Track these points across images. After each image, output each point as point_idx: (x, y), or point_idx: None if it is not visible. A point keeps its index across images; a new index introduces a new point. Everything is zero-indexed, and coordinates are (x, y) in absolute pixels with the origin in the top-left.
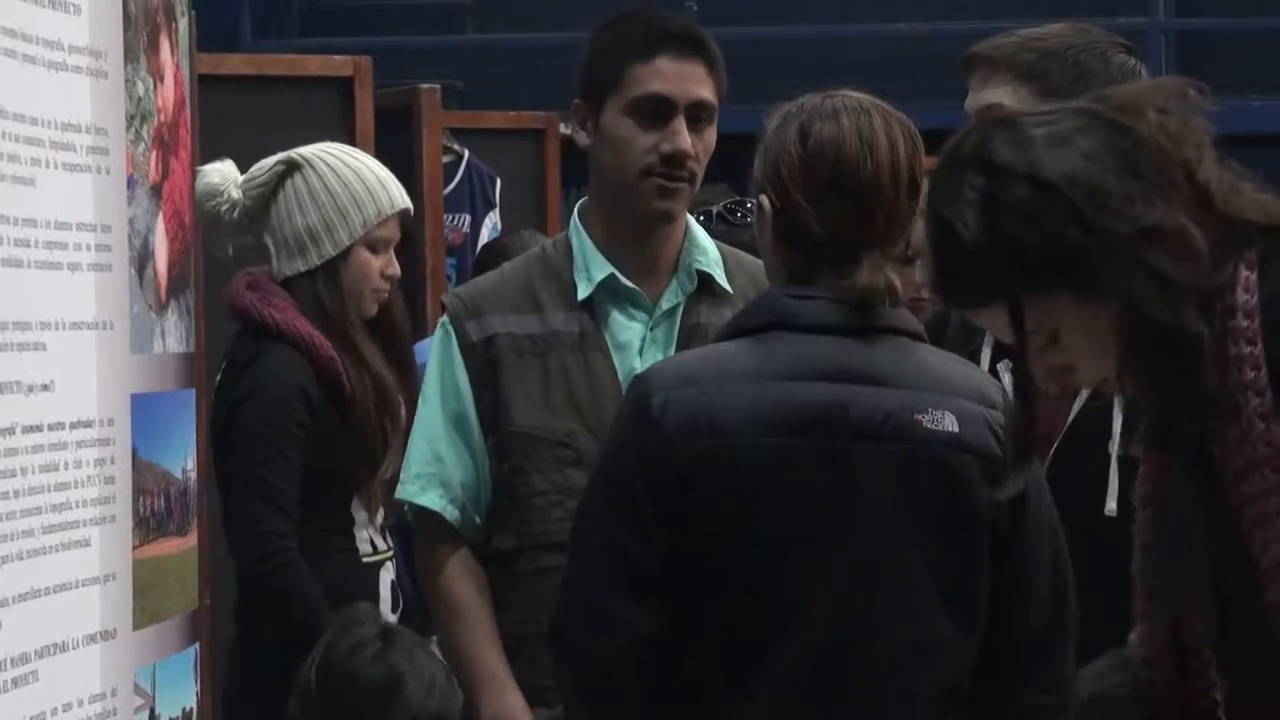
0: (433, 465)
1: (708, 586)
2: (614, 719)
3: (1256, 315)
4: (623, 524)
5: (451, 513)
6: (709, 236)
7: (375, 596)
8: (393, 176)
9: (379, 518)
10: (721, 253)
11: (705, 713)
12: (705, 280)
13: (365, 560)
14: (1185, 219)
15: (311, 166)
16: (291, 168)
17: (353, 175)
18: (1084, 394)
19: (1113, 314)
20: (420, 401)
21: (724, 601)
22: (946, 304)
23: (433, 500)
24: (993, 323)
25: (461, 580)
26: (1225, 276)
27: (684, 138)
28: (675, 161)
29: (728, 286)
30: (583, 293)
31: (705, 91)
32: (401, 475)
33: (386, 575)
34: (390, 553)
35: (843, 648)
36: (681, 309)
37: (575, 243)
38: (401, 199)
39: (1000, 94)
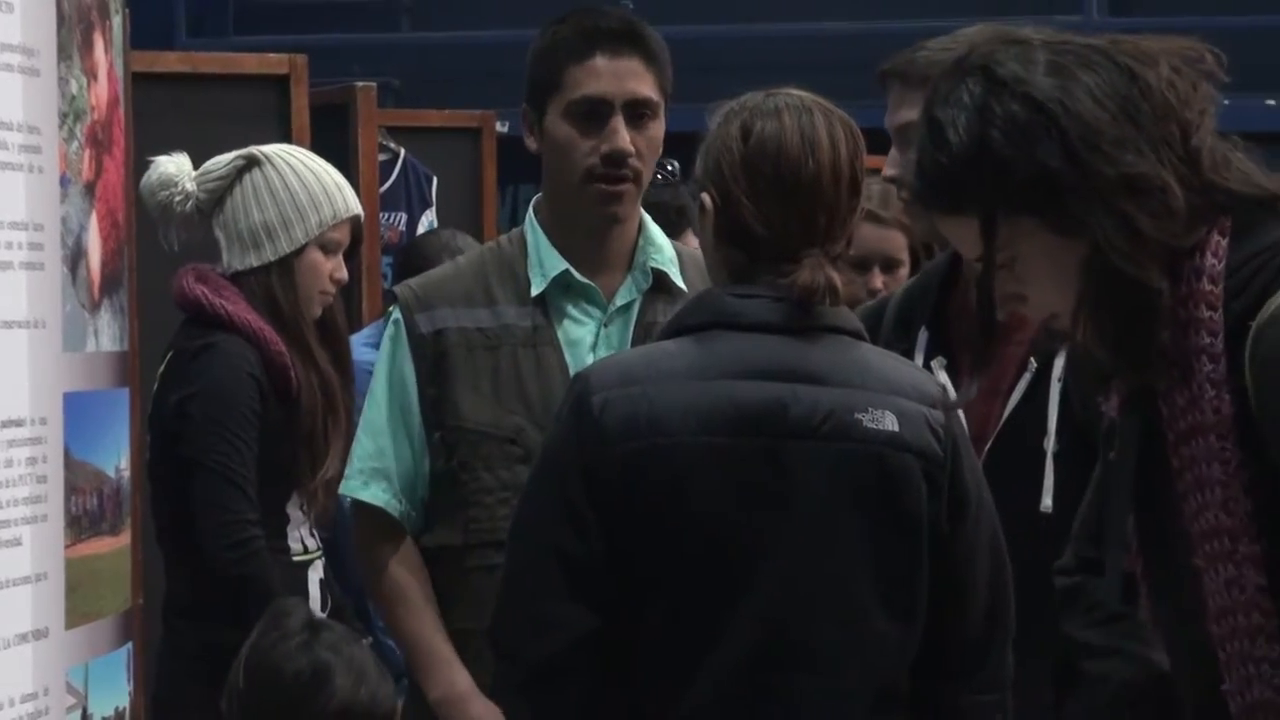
0: (376, 460)
1: (646, 584)
2: (553, 717)
3: (1220, 281)
4: (561, 522)
5: (395, 507)
6: (664, 234)
7: (304, 595)
8: (347, 183)
9: (312, 517)
10: (677, 250)
11: (644, 710)
12: (661, 278)
13: (295, 559)
14: (1171, 177)
15: (271, 163)
16: (251, 163)
17: (312, 176)
18: (1019, 390)
19: (1080, 253)
20: (368, 394)
21: (662, 599)
22: (921, 204)
23: (376, 495)
24: (958, 235)
25: (404, 570)
26: (1197, 239)
27: (621, 136)
28: (615, 161)
29: (682, 284)
30: (536, 288)
31: (643, 88)
32: (346, 470)
33: (315, 574)
34: (319, 552)
35: (780, 646)
36: (637, 306)
37: (530, 237)
38: (356, 205)
39: (916, 111)
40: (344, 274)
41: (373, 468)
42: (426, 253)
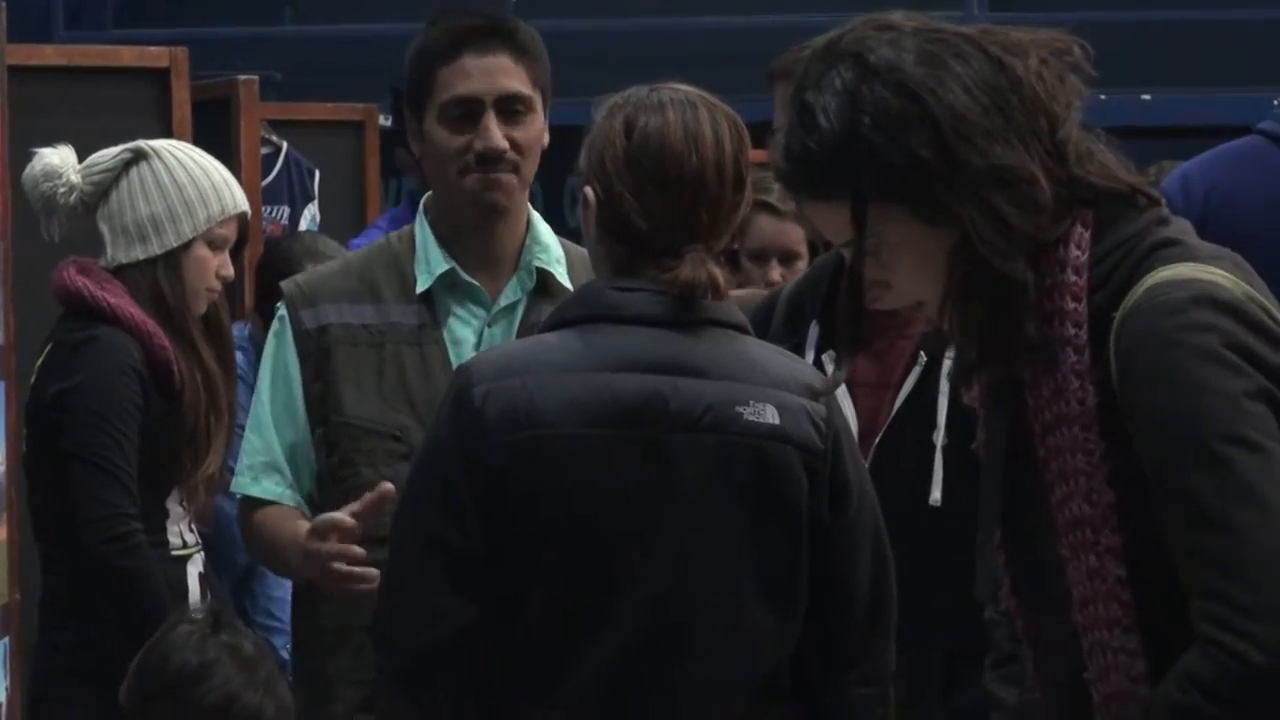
0: (265, 455)
1: (527, 577)
2: (435, 709)
3: (1084, 273)
4: (442, 514)
5: (289, 498)
6: (553, 234)
7: (183, 590)
8: (235, 180)
9: (192, 513)
10: (565, 249)
11: (526, 702)
12: (546, 278)
13: (174, 554)
14: (1039, 169)
15: (159, 157)
16: (138, 156)
17: (200, 171)
18: (909, 384)
19: (947, 242)
20: (255, 391)
21: (543, 591)
22: (789, 188)
23: (269, 490)
24: (825, 220)
25: (281, 514)
26: (1061, 231)
27: (493, 134)
28: (489, 159)
29: (568, 284)
30: (421, 285)
31: (513, 83)
32: (236, 468)
33: (194, 569)
34: (198, 547)
35: (660, 637)
36: (523, 307)
37: (419, 235)
38: (245, 202)
39: None
40: (230, 271)
41: (262, 463)
42: (289, 256)
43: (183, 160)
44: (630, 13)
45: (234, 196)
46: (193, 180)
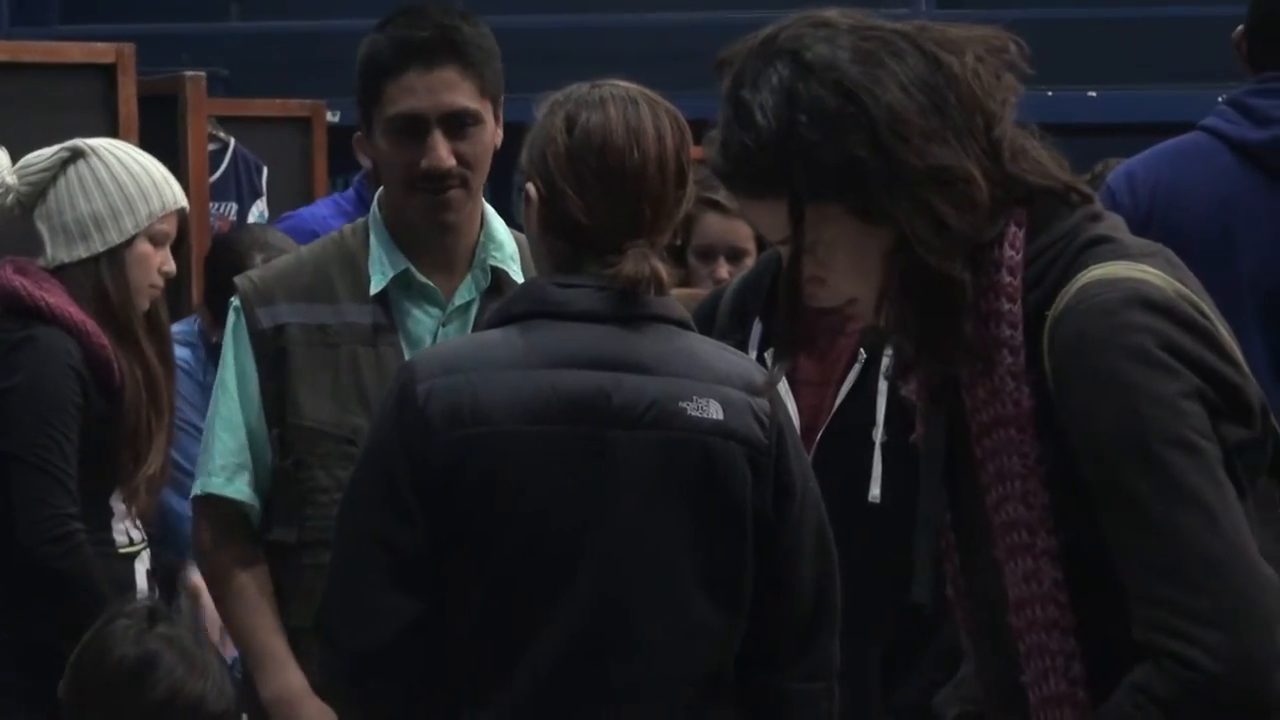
0: (238, 455)
1: (471, 574)
2: (380, 709)
3: (1018, 273)
4: (386, 512)
5: (255, 502)
6: (508, 229)
7: (131, 587)
8: (173, 176)
9: (134, 512)
10: (519, 243)
11: (469, 700)
12: (501, 276)
13: (121, 551)
14: (976, 168)
15: (97, 155)
16: (75, 155)
17: (139, 168)
18: (849, 381)
19: (884, 242)
20: (217, 389)
21: (487, 588)
22: (725, 185)
23: (240, 491)
24: (761, 218)
25: (248, 567)
26: (997, 231)
27: (438, 154)
28: (435, 178)
29: (522, 280)
30: (376, 286)
31: (459, 98)
32: (204, 466)
33: (142, 566)
34: (144, 544)
35: (604, 634)
36: (477, 305)
37: (372, 234)
38: (183, 197)
39: None
40: (172, 266)
41: (236, 463)
42: (237, 248)
43: (121, 158)
44: (571, 9)
45: (173, 192)
46: (132, 177)
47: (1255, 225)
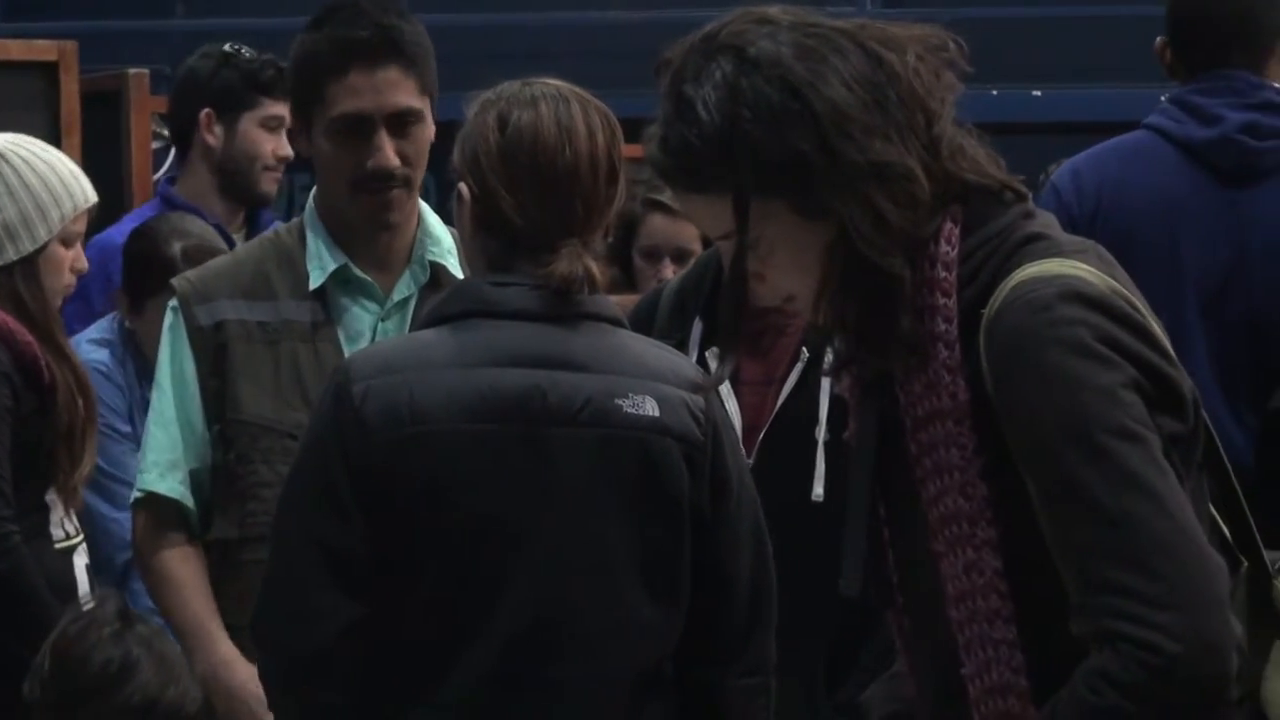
0: (170, 452)
1: (409, 574)
2: (318, 710)
3: (954, 268)
4: (323, 513)
5: (189, 499)
6: (443, 224)
7: (71, 582)
8: (80, 170)
9: (70, 511)
10: (455, 239)
11: (409, 700)
12: (439, 270)
13: (58, 546)
14: (917, 165)
15: (6, 160)
16: None
17: (48, 170)
18: (792, 380)
19: (825, 237)
20: (154, 387)
21: (426, 587)
22: (667, 181)
23: (173, 488)
24: (702, 213)
25: (184, 560)
26: (934, 227)
27: (385, 154)
28: (381, 178)
29: (460, 275)
30: (315, 282)
31: (403, 97)
32: (140, 465)
33: (81, 560)
34: (80, 538)
35: (542, 632)
36: (415, 300)
37: (309, 231)
38: (93, 193)
39: None
40: (84, 264)
41: (168, 460)
42: (155, 237)
43: (29, 160)
44: (503, 7)
45: (84, 190)
46: (43, 181)
47: (1200, 223)
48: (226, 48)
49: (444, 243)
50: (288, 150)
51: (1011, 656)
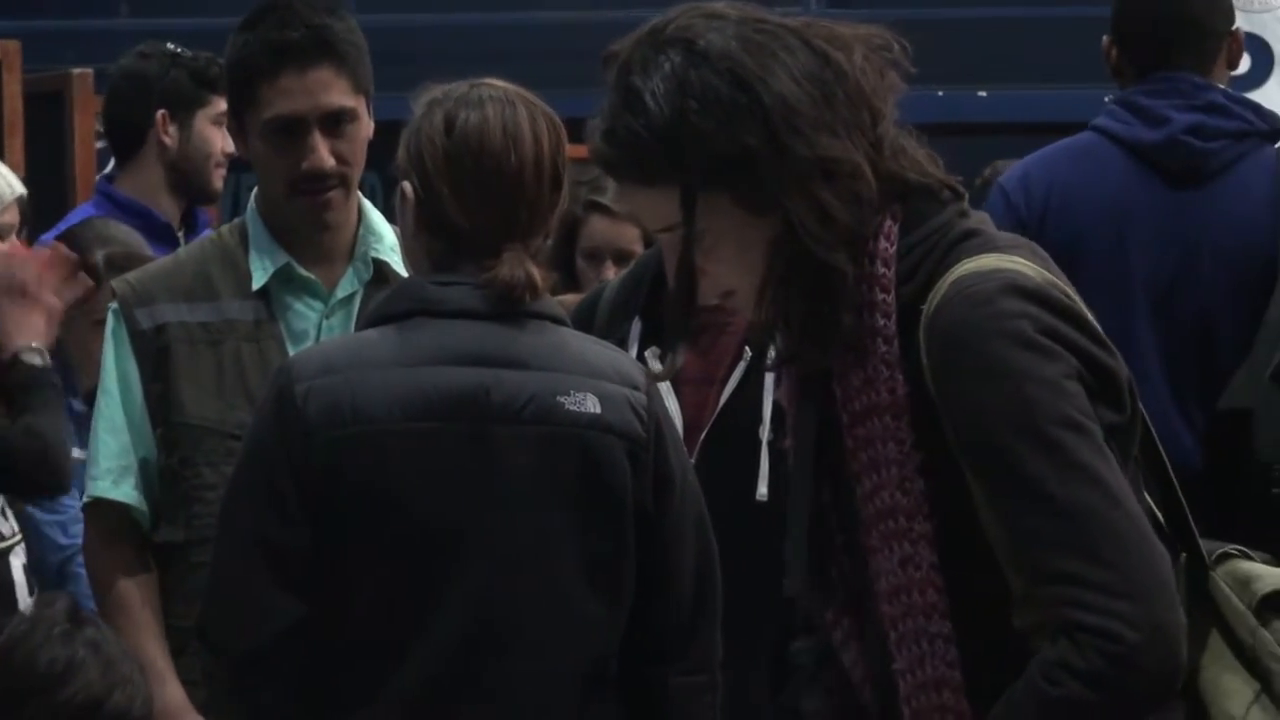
0: (123, 457)
1: (353, 573)
2: (263, 710)
3: (892, 265)
4: (266, 513)
5: (142, 504)
6: (385, 221)
7: (9, 583)
8: (4, 165)
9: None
10: (398, 235)
11: (353, 697)
12: (382, 267)
13: None
14: (863, 161)
15: None
16: None
17: None
18: (734, 379)
19: (769, 233)
20: (100, 393)
21: (371, 586)
22: (612, 173)
23: (128, 494)
24: (646, 206)
25: (134, 575)
26: (875, 224)
27: (319, 155)
28: (316, 178)
29: (403, 272)
30: (258, 281)
31: (336, 98)
32: (90, 471)
33: (18, 560)
34: (17, 539)
35: (488, 630)
36: (360, 298)
37: (251, 230)
38: (20, 185)
39: None
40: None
41: (120, 465)
42: (80, 244)
43: None
44: (448, 8)
45: (10, 184)
46: None
47: (1148, 225)
48: (170, 47)
49: (386, 239)
50: (232, 146)
51: (946, 651)
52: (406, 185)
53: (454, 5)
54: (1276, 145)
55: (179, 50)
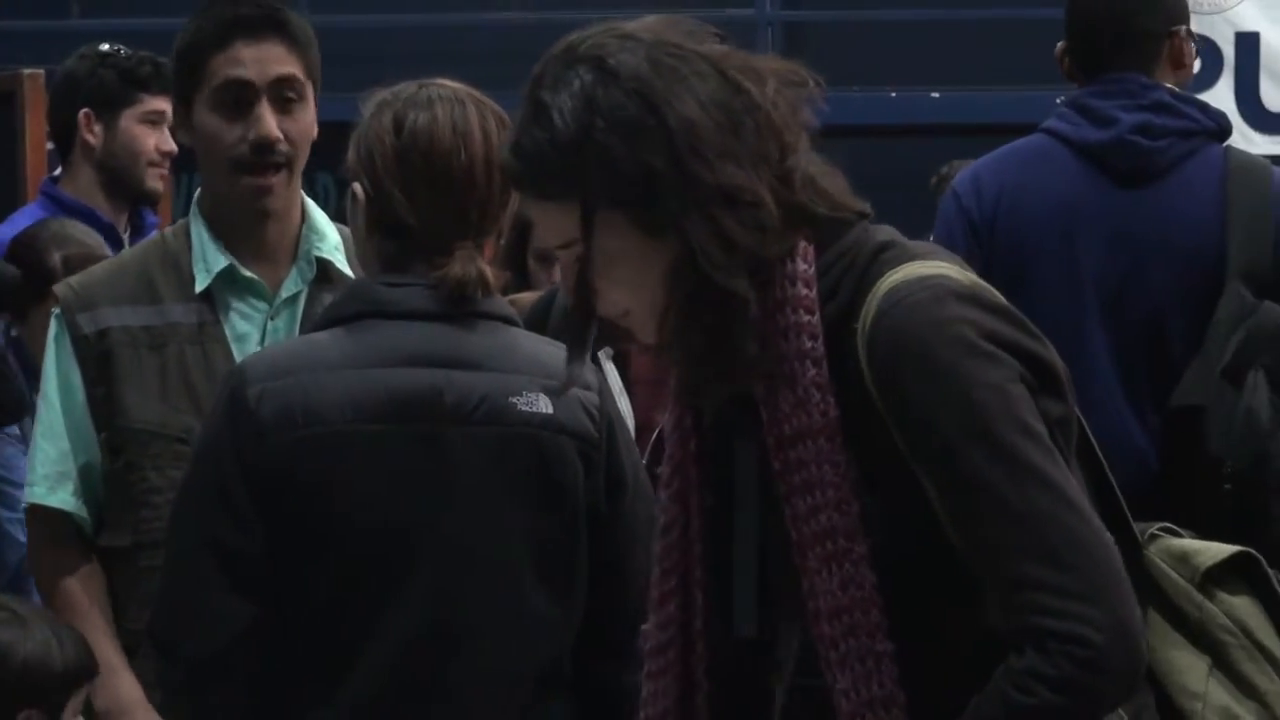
0: (60, 464)
1: (308, 575)
2: (216, 713)
3: (813, 284)
4: (219, 516)
5: (81, 510)
6: (329, 220)
7: None
8: None
9: None
10: (342, 234)
11: (308, 700)
12: (326, 266)
13: None
14: (766, 192)
15: None
16: None
17: None
18: None
19: (666, 256)
20: (40, 399)
21: (325, 588)
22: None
23: (65, 500)
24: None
25: (80, 577)
26: (786, 247)
27: (267, 123)
28: (263, 149)
29: (348, 271)
30: (201, 284)
31: (287, 67)
32: (29, 477)
33: None
34: None
35: (442, 631)
36: (304, 297)
37: (194, 231)
38: None
39: None
40: None
41: (58, 472)
42: (35, 245)
43: None
44: (403, 7)
45: None
46: None
47: (1098, 225)
48: (103, 47)
49: (330, 239)
50: (171, 145)
51: (891, 669)
52: (357, 186)
53: (406, 6)
54: (1223, 145)
55: (114, 50)
